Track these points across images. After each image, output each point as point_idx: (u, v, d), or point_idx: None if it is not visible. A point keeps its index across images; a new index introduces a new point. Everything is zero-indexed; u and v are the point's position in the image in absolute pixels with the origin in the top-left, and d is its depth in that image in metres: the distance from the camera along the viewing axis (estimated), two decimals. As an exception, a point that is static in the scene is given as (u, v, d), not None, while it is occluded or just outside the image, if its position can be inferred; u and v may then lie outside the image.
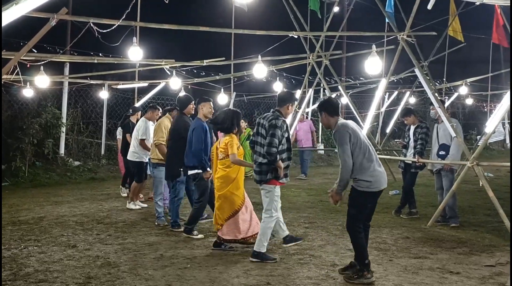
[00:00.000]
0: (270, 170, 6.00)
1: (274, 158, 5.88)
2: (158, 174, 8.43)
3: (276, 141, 5.90)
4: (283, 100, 6.23)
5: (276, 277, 5.49)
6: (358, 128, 5.50)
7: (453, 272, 5.65)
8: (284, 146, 6.05)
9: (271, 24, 15.56)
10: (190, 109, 7.87)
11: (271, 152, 5.87)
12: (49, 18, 6.93)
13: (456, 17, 14.25)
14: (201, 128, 7.20)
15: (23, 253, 6.42)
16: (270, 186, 6.07)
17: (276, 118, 6.03)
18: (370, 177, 5.27)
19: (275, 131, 5.92)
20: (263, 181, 6.07)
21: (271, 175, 6.00)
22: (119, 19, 8.07)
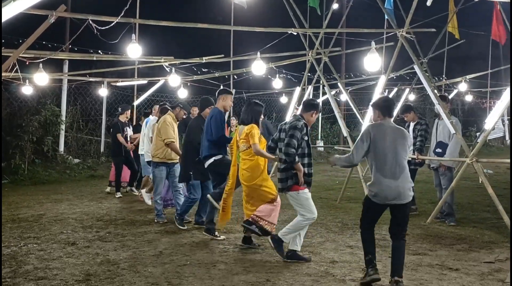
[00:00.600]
0: (290, 175, 5.82)
1: (293, 158, 5.70)
2: (158, 173, 8.30)
3: (295, 142, 5.72)
4: (309, 107, 6.09)
5: (275, 274, 5.50)
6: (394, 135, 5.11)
7: (452, 268, 5.66)
8: (304, 150, 5.88)
9: (271, 21, 15.55)
10: (207, 113, 7.67)
11: (288, 153, 5.68)
12: (48, 16, 6.91)
13: (455, 14, 14.22)
14: (220, 116, 7.09)
15: (23, 250, 6.42)
16: (293, 193, 5.88)
17: (298, 120, 5.91)
18: (374, 187, 5.06)
19: (294, 132, 5.76)
20: (284, 188, 5.90)
21: (292, 181, 5.82)
22: (118, 16, 8.05)
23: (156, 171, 8.35)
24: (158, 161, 8.24)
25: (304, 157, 5.87)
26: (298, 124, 5.83)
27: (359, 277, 5.32)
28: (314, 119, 6.17)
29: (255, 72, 11.63)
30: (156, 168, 8.32)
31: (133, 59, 11.80)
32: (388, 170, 5.00)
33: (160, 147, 8.17)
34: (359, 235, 7.14)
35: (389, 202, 5.04)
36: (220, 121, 7.07)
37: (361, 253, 6.22)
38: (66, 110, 15.93)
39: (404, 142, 5.12)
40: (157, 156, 8.22)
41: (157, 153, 8.23)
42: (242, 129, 6.51)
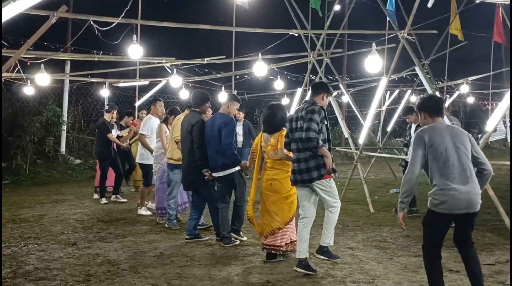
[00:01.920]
0: (322, 164, 5.39)
1: (316, 143, 5.27)
2: (173, 176, 7.77)
3: (315, 125, 5.31)
4: (317, 89, 5.72)
5: (275, 275, 5.49)
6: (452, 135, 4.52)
7: (452, 270, 5.65)
8: (324, 135, 5.50)
9: (272, 22, 15.57)
10: (206, 108, 7.37)
11: (310, 137, 5.25)
12: (49, 16, 6.92)
13: (457, 15, 14.21)
14: (233, 124, 6.76)
15: (23, 251, 6.43)
16: (323, 182, 5.49)
17: (313, 104, 5.55)
18: (439, 196, 4.45)
19: (313, 116, 5.35)
20: (314, 178, 5.45)
21: (324, 169, 5.40)
22: (119, 17, 8.05)
23: (171, 174, 7.83)
24: (174, 163, 7.76)
25: (325, 143, 5.49)
26: (315, 107, 5.46)
27: (359, 279, 5.31)
28: (326, 103, 5.75)
29: (257, 73, 11.64)
30: (171, 171, 7.83)
31: (135, 59, 11.80)
32: (456, 174, 4.39)
33: (174, 148, 7.75)
34: (359, 237, 7.17)
35: (459, 212, 4.44)
36: (231, 129, 6.68)
37: (361, 255, 6.23)
38: (68, 110, 15.95)
39: (465, 141, 4.50)
40: (173, 158, 7.78)
41: (172, 155, 7.80)
42: (266, 137, 6.14)
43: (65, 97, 15.86)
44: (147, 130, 8.77)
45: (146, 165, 8.94)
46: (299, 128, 5.48)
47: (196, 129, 6.87)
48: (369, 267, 5.74)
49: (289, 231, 6.03)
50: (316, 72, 13.67)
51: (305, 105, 5.62)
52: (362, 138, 11.05)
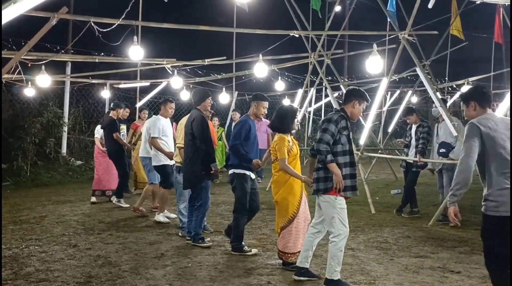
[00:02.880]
0: (331, 176, 5.02)
1: (324, 157, 4.96)
2: (182, 179, 7.35)
3: (328, 137, 4.96)
4: (347, 96, 5.30)
5: (276, 276, 5.49)
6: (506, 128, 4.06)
7: (454, 271, 5.64)
8: (345, 147, 5.07)
9: (273, 23, 15.57)
10: (207, 105, 7.06)
11: (320, 149, 4.96)
12: (50, 17, 6.92)
13: (458, 16, 14.22)
14: (242, 125, 6.42)
15: (24, 252, 6.43)
16: (328, 197, 5.08)
17: (334, 113, 5.23)
18: (495, 196, 3.95)
19: (328, 126, 5.00)
20: (319, 190, 5.12)
21: (332, 183, 5.01)
22: (120, 18, 8.06)
23: (179, 177, 7.47)
24: (181, 166, 7.38)
25: (345, 155, 5.07)
26: (333, 117, 5.09)
27: (360, 280, 5.30)
28: (359, 111, 5.27)
29: (257, 74, 11.64)
30: (180, 173, 7.47)
31: (135, 61, 11.81)
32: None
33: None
34: (360, 238, 7.16)
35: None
36: (238, 130, 6.41)
37: (362, 256, 6.23)
38: (69, 112, 15.95)
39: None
40: (179, 161, 7.45)
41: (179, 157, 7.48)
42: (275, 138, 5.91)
43: (66, 98, 15.86)
44: (158, 132, 8.26)
45: (163, 166, 8.36)
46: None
47: (196, 125, 6.73)
48: (370, 268, 5.74)
49: (284, 238, 5.77)
50: (317, 73, 13.68)
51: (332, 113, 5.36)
52: (363, 138, 11.05)
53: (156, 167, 8.48)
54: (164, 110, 8.47)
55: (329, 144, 4.98)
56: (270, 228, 7.78)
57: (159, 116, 8.48)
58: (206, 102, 7.04)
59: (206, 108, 7.06)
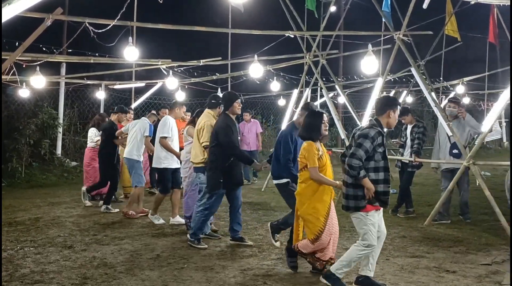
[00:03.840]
0: (363, 194, 4.93)
1: (357, 173, 4.83)
2: (204, 179, 7.04)
3: (362, 153, 4.82)
4: (381, 107, 5.15)
5: (273, 276, 5.49)
6: None
7: (449, 271, 5.65)
8: (378, 164, 4.96)
9: (268, 24, 15.55)
10: (236, 108, 6.78)
11: (351, 164, 4.81)
12: (44, 18, 6.90)
13: (453, 16, 14.26)
14: (287, 136, 6.10)
15: (19, 254, 6.40)
16: (359, 214, 5.00)
17: (370, 127, 4.99)
18: None
19: (363, 142, 4.86)
20: (352, 208, 5.00)
21: (365, 200, 4.93)
22: (115, 19, 8.04)
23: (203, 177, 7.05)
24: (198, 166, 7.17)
25: (378, 172, 4.96)
26: (370, 132, 4.91)
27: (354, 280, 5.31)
28: (395, 119, 5.16)
29: (253, 75, 11.64)
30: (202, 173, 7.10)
31: (130, 61, 11.79)
32: None
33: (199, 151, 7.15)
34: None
35: None
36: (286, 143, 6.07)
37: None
38: (64, 113, 15.91)
39: None
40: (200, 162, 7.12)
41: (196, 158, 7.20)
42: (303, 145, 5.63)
43: (60, 99, 15.81)
44: (167, 131, 8.14)
45: (163, 170, 8.24)
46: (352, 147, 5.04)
47: (219, 132, 6.59)
48: (366, 268, 5.73)
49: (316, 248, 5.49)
50: (312, 73, 13.68)
51: (366, 125, 5.15)
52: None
53: (156, 169, 8.43)
54: (178, 111, 8.42)
55: (361, 160, 4.84)
56: (266, 228, 7.75)
57: (168, 116, 8.36)
58: (233, 106, 6.74)
59: (235, 112, 6.79)
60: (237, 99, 6.79)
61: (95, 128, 10.50)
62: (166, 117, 8.38)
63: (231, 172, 6.70)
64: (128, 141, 9.00)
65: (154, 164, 8.38)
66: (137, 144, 8.88)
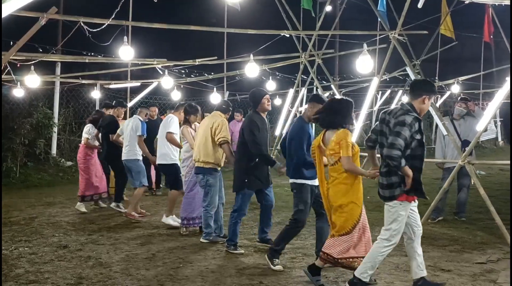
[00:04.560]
0: (399, 181, 4.68)
1: (398, 163, 4.54)
2: (213, 181, 6.99)
3: (401, 142, 4.52)
4: (417, 90, 4.82)
5: (269, 276, 5.49)
6: None
7: (444, 269, 5.67)
8: (415, 151, 4.68)
9: (264, 23, 15.55)
10: (265, 105, 6.46)
11: (391, 155, 4.52)
12: (39, 17, 6.88)
13: (448, 16, 14.30)
14: (300, 130, 5.85)
15: (14, 254, 6.38)
16: (397, 203, 4.73)
17: (406, 114, 4.65)
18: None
19: (401, 130, 4.55)
20: (388, 197, 4.76)
21: (400, 188, 4.69)
22: (110, 18, 8.02)
23: (211, 178, 6.98)
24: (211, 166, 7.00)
25: (414, 159, 4.68)
26: (407, 119, 4.59)
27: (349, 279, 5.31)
28: (428, 106, 4.82)
29: (249, 74, 11.64)
30: (211, 174, 6.98)
31: (125, 61, 11.76)
32: None
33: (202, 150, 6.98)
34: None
35: None
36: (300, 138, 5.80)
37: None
38: (59, 112, 15.84)
39: None
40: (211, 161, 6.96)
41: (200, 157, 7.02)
42: (327, 138, 5.20)
43: (55, 99, 15.74)
44: (175, 128, 7.95)
45: (171, 166, 8.06)
46: (385, 134, 4.76)
47: (245, 129, 6.38)
48: (362, 267, 5.73)
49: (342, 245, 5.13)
50: (308, 72, 13.70)
51: (398, 110, 4.77)
52: (354, 138, 11.06)
53: (163, 166, 8.15)
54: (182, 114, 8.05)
55: (401, 150, 4.54)
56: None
57: (173, 115, 8.15)
58: (262, 103, 6.46)
59: (264, 109, 6.50)
60: (266, 95, 6.52)
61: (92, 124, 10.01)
62: (172, 116, 8.11)
63: (256, 172, 6.43)
64: (125, 143, 8.81)
65: (160, 161, 8.11)
66: (134, 144, 8.72)
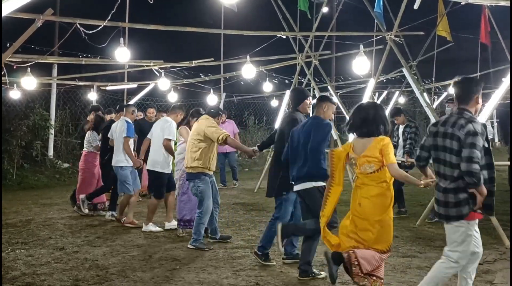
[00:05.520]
0: (466, 198, 4.14)
1: (478, 179, 4.00)
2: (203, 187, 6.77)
3: (478, 154, 4.02)
4: (467, 92, 4.31)
5: (265, 277, 5.48)
6: None
7: (441, 270, 5.66)
8: (485, 161, 4.18)
9: (261, 25, 15.58)
10: (307, 105, 6.17)
11: (472, 171, 3.99)
12: (35, 19, 6.87)
13: (445, 17, 14.33)
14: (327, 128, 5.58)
15: (10, 256, 6.36)
16: (465, 222, 4.21)
17: (471, 122, 4.14)
18: None
19: (475, 140, 4.04)
20: (453, 217, 4.22)
21: (469, 206, 4.14)
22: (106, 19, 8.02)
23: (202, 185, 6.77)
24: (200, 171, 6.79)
25: (483, 169, 4.14)
26: (477, 128, 4.11)
27: (348, 280, 5.31)
28: (480, 105, 4.41)
29: (245, 75, 11.65)
30: (201, 180, 6.77)
31: (122, 63, 11.75)
32: None
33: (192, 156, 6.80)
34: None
35: None
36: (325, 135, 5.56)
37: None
38: (55, 114, 15.83)
39: None
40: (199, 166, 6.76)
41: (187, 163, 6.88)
42: (360, 146, 4.81)
43: (52, 100, 15.74)
44: (173, 135, 7.76)
45: (160, 174, 7.79)
46: (448, 148, 4.22)
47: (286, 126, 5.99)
48: (358, 268, 5.73)
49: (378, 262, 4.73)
50: (304, 74, 13.70)
51: (457, 119, 4.24)
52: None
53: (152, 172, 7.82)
54: (179, 116, 8.02)
55: (479, 163, 4.04)
56: (259, 229, 7.77)
57: (171, 119, 7.89)
58: (304, 103, 6.13)
59: (305, 110, 6.19)
60: (309, 96, 6.24)
61: (94, 131, 9.43)
62: (171, 120, 7.85)
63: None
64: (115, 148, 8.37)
65: (149, 167, 7.84)
66: (119, 149, 8.25)
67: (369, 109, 4.84)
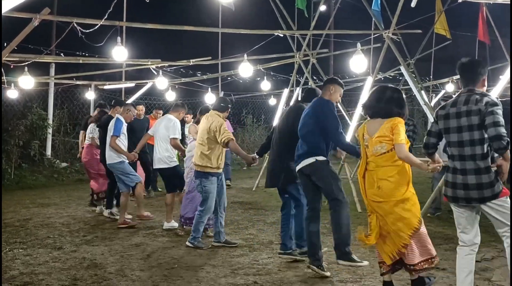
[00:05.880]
0: (495, 177, 4.05)
1: (506, 143, 3.88)
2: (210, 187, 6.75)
3: (502, 119, 3.95)
4: (475, 74, 4.29)
5: (263, 276, 5.48)
6: None
7: (439, 268, 5.67)
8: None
9: (258, 23, 15.55)
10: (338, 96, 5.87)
11: (500, 134, 3.89)
12: (32, 18, 6.86)
13: (443, 14, 14.32)
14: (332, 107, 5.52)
15: (8, 255, 6.35)
16: (502, 200, 4.10)
17: (486, 95, 4.12)
18: None
19: (497, 109, 3.97)
20: (487, 197, 4.07)
21: (500, 183, 4.05)
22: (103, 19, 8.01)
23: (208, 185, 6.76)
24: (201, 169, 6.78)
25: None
26: (494, 99, 4.07)
27: (347, 278, 5.31)
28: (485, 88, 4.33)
29: (243, 74, 11.64)
30: (207, 179, 6.76)
31: (119, 62, 11.73)
32: None
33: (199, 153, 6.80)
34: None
35: None
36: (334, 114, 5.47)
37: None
38: (53, 113, 15.80)
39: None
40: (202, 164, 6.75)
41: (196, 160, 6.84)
42: (374, 126, 4.69)
43: (50, 100, 15.70)
44: (179, 133, 7.80)
45: (173, 168, 7.85)
46: (466, 126, 4.10)
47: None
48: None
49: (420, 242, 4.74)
50: (302, 72, 13.69)
51: (470, 96, 4.18)
52: (349, 137, 11.08)
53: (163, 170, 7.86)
54: (182, 114, 8.12)
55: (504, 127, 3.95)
56: (257, 228, 7.78)
57: (176, 118, 7.91)
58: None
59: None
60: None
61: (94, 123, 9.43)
62: (175, 119, 7.88)
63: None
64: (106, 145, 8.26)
65: (159, 165, 7.82)
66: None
67: (385, 90, 4.81)
